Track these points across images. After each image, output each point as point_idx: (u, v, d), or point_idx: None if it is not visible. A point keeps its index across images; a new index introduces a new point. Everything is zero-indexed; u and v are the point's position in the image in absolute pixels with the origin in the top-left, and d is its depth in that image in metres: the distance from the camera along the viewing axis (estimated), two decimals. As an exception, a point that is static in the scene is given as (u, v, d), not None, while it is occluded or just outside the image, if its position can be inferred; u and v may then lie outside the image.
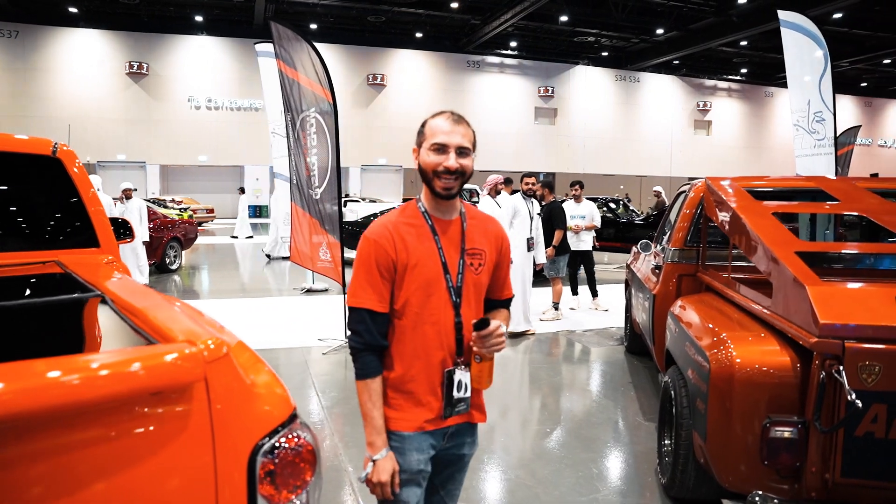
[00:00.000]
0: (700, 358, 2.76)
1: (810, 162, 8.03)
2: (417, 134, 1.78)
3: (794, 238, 2.84)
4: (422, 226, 1.77)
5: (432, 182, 1.73)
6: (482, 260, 1.84)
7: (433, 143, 1.71)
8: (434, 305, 1.76)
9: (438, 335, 1.76)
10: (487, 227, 1.89)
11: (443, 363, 1.78)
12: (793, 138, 8.53)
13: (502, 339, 1.75)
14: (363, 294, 1.72)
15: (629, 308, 6.39)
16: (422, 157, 1.75)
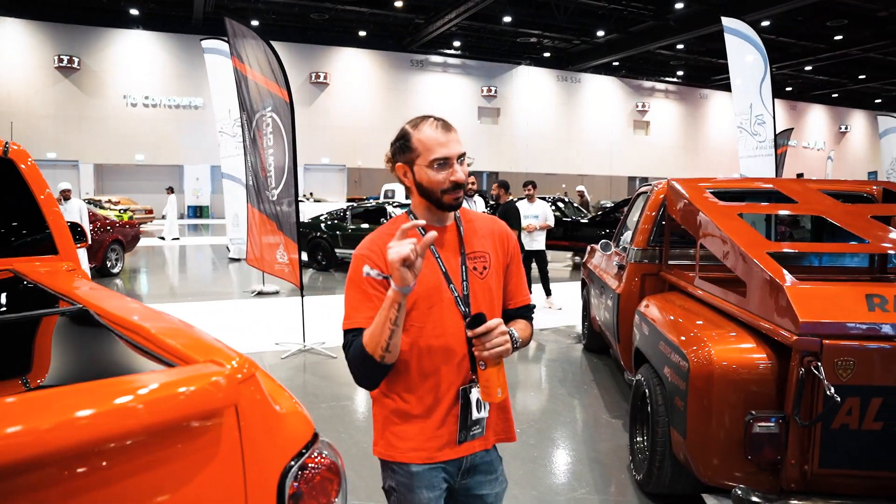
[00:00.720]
0: (677, 357, 2.82)
1: (753, 162, 8.36)
2: (399, 149, 1.63)
3: (764, 239, 2.94)
4: (413, 235, 1.60)
5: (441, 199, 1.61)
6: (486, 262, 1.71)
7: (434, 160, 1.58)
8: (438, 318, 1.62)
9: (447, 350, 1.62)
10: (487, 228, 1.77)
11: (457, 382, 1.64)
12: (737, 140, 8.85)
13: (506, 339, 1.53)
14: (355, 314, 1.59)
15: (587, 307, 6.50)
16: (421, 176, 1.60)
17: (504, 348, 1.53)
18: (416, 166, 1.61)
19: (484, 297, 1.68)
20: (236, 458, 1.09)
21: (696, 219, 3.49)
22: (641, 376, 3.44)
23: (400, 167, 1.64)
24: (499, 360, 1.54)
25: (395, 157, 1.65)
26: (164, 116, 28.94)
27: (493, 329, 1.51)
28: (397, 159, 1.65)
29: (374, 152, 31.16)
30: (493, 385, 1.54)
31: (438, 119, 1.63)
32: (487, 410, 1.66)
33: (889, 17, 25.39)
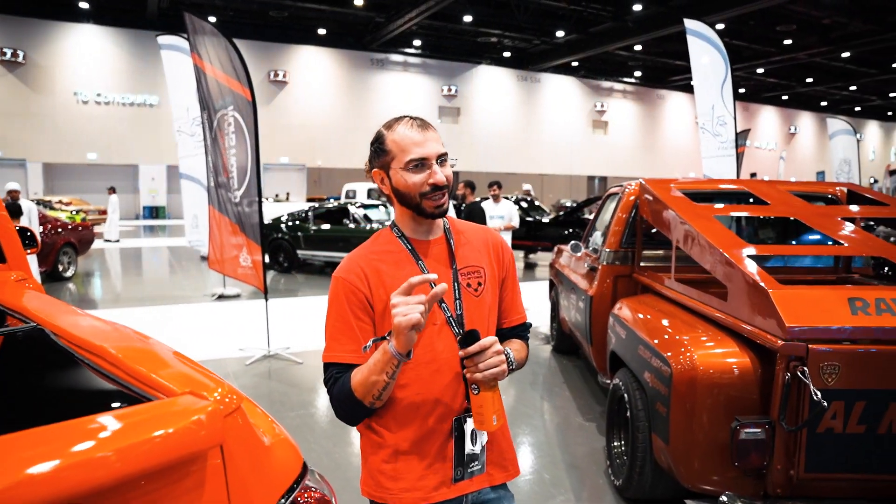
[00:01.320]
0: (658, 361, 2.79)
1: (715, 163, 8.47)
2: (374, 153, 1.50)
3: (742, 241, 2.93)
4: (399, 251, 1.51)
5: (420, 204, 1.46)
6: (481, 277, 1.57)
7: (410, 161, 1.44)
8: (429, 343, 1.46)
9: (440, 377, 1.47)
10: (480, 239, 1.62)
11: (450, 412, 1.48)
12: (696, 140, 8.97)
13: (501, 360, 1.38)
14: (337, 347, 1.45)
15: (556, 308, 6.47)
16: (397, 180, 1.47)
17: (499, 370, 1.38)
18: (391, 170, 1.47)
19: (479, 317, 1.54)
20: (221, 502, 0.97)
21: (671, 221, 3.47)
22: (619, 380, 3.40)
23: (376, 173, 1.51)
24: (493, 384, 1.39)
25: (371, 162, 1.53)
26: (118, 114, 28.12)
27: (488, 348, 1.37)
28: (373, 164, 1.52)
29: (334, 152, 30.87)
30: (487, 411, 1.39)
31: (415, 118, 1.50)
32: (484, 443, 1.52)
33: (833, 25, 26.28)
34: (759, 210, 3.72)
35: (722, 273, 2.78)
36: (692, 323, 2.96)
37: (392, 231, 1.55)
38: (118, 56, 27.70)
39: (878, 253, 2.85)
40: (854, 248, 2.96)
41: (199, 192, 9.15)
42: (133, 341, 1.45)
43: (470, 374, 1.38)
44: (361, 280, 1.46)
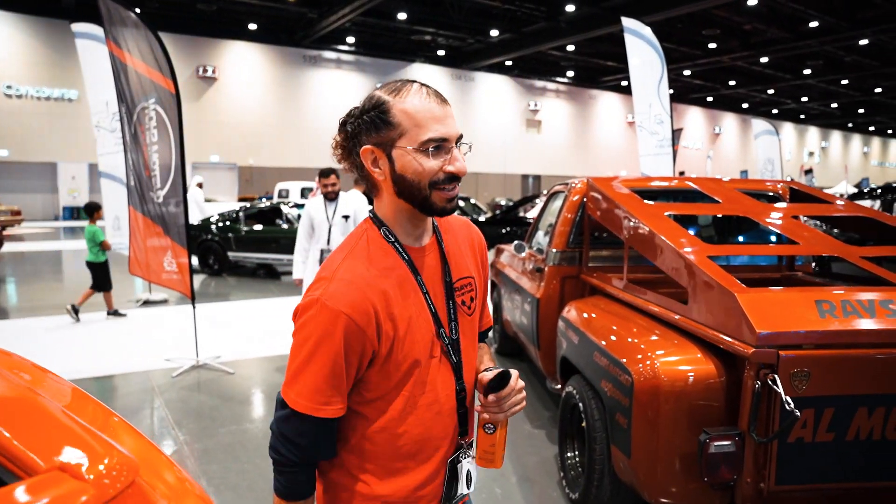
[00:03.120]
0: (617, 370, 2.65)
1: (653, 161, 8.53)
2: (371, 125, 1.17)
3: (700, 241, 2.82)
4: (399, 267, 1.21)
5: (430, 197, 1.16)
6: (474, 291, 1.33)
7: (428, 140, 1.13)
8: (427, 379, 1.22)
9: (439, 417, 1.25)
10: (465, 238, 1.37)
11: (445, 452, 1.28)
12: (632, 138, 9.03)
13: (524, 395, 1.28)
14: (318, 396, 1.15)
15: (498, 310, 6.33)
16: (405, 164, 1.15)
17: (521, 406, 1.27)
18: (396, 149, 1.15)
19: (471, 339, 1.33)
20: None
21: (622, 220, 3.35)
22: (572, 388, 3.26)
23: (368, 151, 1.18)
24: (507, 421, 1.30)
25: (361, 136, 1.18)
26: (33, 109, 26.45)
27: (515, 387, 1.24)
28: (364, 139, 1.18)
29: (266, 150, 30.02)
30: (500, 449, 1.29)
31: (427, 86, 1.19)
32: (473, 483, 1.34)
33: (753, 31, 27.37)
34: (711, 209, 3.65)
35: (681, 275, 2.66)
36: (650, 327, 2.83)
37: (382, 235, 1.23)
38: (32, 46, 26.06)
39: (832, 251, 2.80)
40: (808, 248, 2.90)
41: (121, 191, 8.57)
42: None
43: (490, 416, 1.25)
44: (370, 321, 1.14)
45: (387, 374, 1.18)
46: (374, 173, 1.19)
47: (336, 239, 5.45)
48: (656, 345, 2.60)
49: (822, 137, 54.42)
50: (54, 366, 2.51)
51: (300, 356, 1.15)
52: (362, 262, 1.18)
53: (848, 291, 2.35)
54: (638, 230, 3.13)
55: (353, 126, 1.19)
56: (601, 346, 2.89)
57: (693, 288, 2.55)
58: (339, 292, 1.13)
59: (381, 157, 1.17)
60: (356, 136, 1.19)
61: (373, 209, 1.27)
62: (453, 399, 1.27)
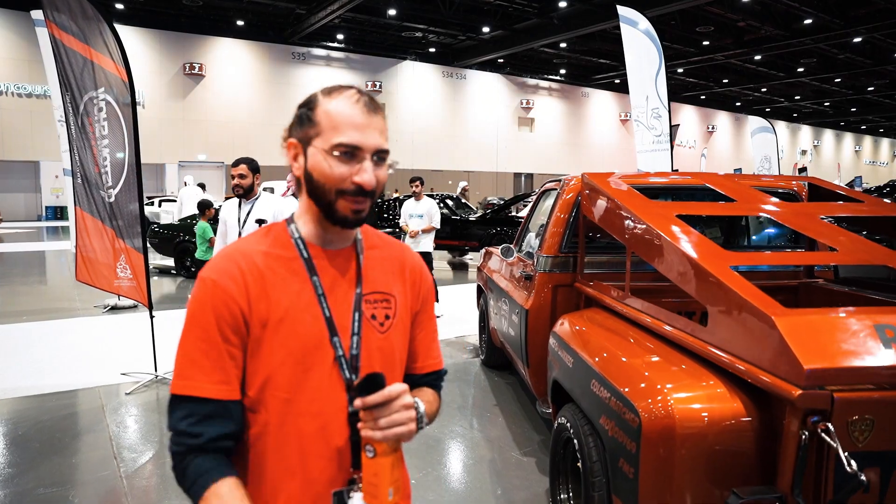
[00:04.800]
0: (621, 405, 2.17)
1: (651, 157, 8.08)
2: (299, 119, 1.15)
3: (720, 248, 2.34)
4: (292, 258, 1.16)
5: (333, 204, 1.12)
6: (390, 309, 1.22)
7: (339, 144, 1.09)
8: (315, 387, 1.12)
9: (325, 435, 1.12)
10: (397, 259, 1.28)
11: (330, 480, 1.13)
12: (630, 135, 8.58)
13: (410, 416, 1.07)
14: (195, 372, 1.08)
15: (485, 318, 5.85)
16: (315, 163, 1.12)
17: (406, 429, 1.07)
18: (311, 147, 1.13)
19: (382, 360, 1.20)
20: None
21: (625, 222, 2.88)
22: (565, 420, 2.77)
23: (292, 145, 1.16)
24: (396, 446, 1.08)
25: (291, 129, 1.18)
26: (13, 106, 25.79)
27: (395, 399, 1.07)
28: (292, 133, 1.17)
29: (254, 149, 29.36)
30: (383, 482, 1.06)
31: (365, 94, 1.15)
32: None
33: (747, 28, 27.01)
34: (726, 208, 3.18)
35: (699, 290, 2.19)
36: (660, 352, 2.35)
37: (288, 229, 1.20)
38: (12, 42, 25.39)
39: (880, 261, 2.32)
40: (851, 256, 2.42)
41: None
42: None
43: (366, 432, 1.07)
44: (239, 287, 1.10)
45: (259, 359, 1.11)
46: (294, 167, 1.17)
47: None
48: (669, 375, 2.13)
49: (815, 136, 54.23)
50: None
51: (181, 336, 1.11)
52: (251, 243, 1.17)
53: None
54: (644, 234, 2.65)
55: (292, 119, 1.18)
56: (600, 374, 2.41)
57: (715, 307, 2.07)
58: (215, 264, 1.13)
59: (301, 153, 1.16)
60: (290, 129, 1.18)
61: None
62: (343, 419, 1.14)
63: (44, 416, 4.55)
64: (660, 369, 2.19)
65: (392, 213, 15.68)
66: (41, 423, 4.42)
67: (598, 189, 3.27)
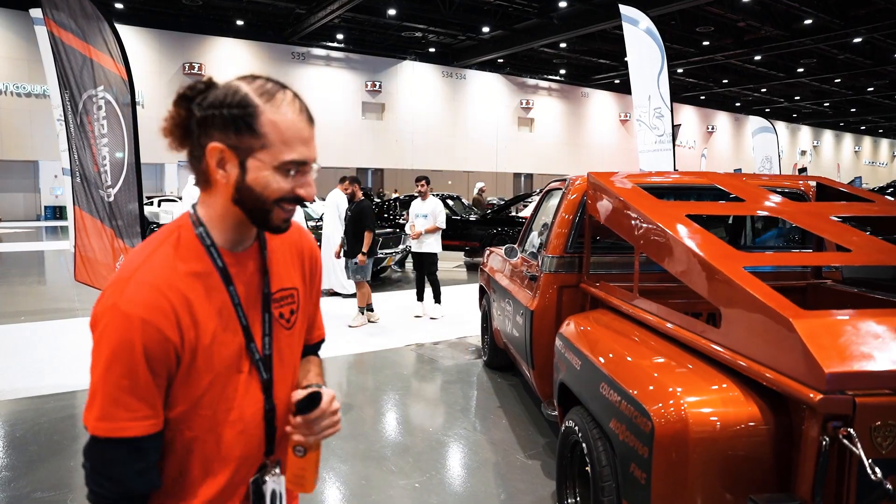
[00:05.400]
0: (632, 409, 2.12)
1: (653, 157, 8.04)
2: (230, 122, 1.03)
3: (733, 249, 2.30)
4: (209, 273, 1.11)
5: (271, 212, 1.09)
6: (294, 304, 1.24)
7: (290, 161, 1.06)
8: (232, 395, 1.13)
9: (244, 437, 1.15)
10: (294, 246, 1.27)
11: (249, 473, 1.18)
12: (636, 133, 8.53)
13: (338, 417, 1.21)
14: (117, 411, 1.02)
15: (487, 318, 5.80)
16: (257, 177, 1.05)
17: (335, 429, 1.22)
18: (253, 160, 1.05)
19: (290, 355, 1.23)
20: None
21: (633, 223, 2.83)
22: (573, 423, 2.72)
23: (217, 150, 1.05)
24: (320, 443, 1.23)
25: (213, 129, 1.04)
26: (13, 106, 25.71)
27: (327, 409, 1.18)
28: (216, 135, 1.04)
29: (253, 149, 29.38)
30: (310, 474, 1.22)
31: (298, 96, 1.12)
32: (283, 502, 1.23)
33: (747, 28, 26.96)
34: (735, 208, 3.13)
35: (712, 291, 2.14)
36: (671, 354, 2.30)
37: (197, 236, 1.12)
38: (12, 41, 25.33)
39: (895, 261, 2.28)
40: (863, 256, 2.37)
41: (84, 190, 7.98)
42: None
43: (301, 438, 1.18)
44: (171, 322, 1.04)
45: (188, 387, 1.08)
46: (215, 173, 1.07)
47: None
48: (682, 378, 2.08)
49: (814, 136, 54.20)
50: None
51: (97, 373, 1.03)
52: (166, 263, 1.08)
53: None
54: (653, 234, 2.60)
55: (207, 115, 1.05)
56: (610, 377, 2.36)
57: (729, 308, 2.03)
58: (136, 296, 1.02)
59: (232, 162, 1.06)
60: (206, 126, 1.05)
61: (195, 205, 1.15)
62: (260, 418, 1.17)
63: (42, 419, 4.50)
64: (672, 372, 2.15)
65: (392, 213, 15.63)
66: (39, 426, 4.37)
67: (605, 189, 3.23)
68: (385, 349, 6.47)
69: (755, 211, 2.97)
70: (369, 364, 6.05)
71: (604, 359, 2.53)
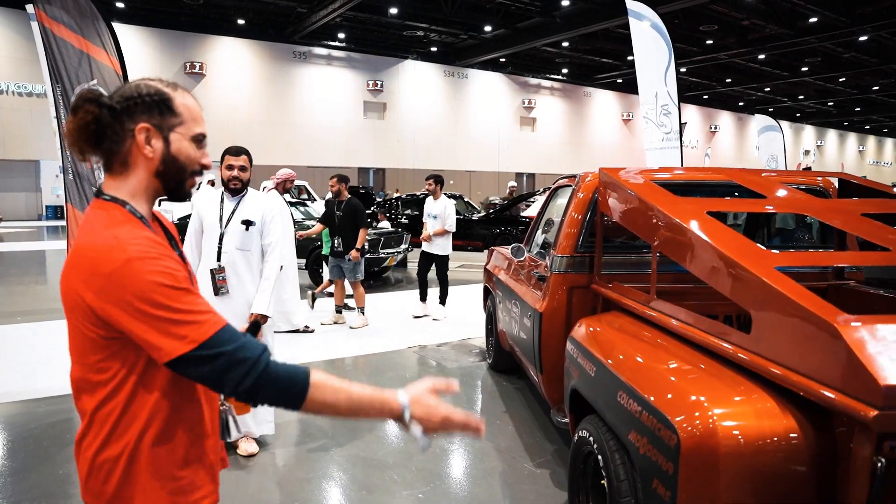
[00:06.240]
0: (654, 420, 1.96)
1: (660, 155, 7.87)
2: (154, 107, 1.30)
3: (762, 248, 2.14)
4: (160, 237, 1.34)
5: (185, 182, 1.36)
6: None
7: (200, 133, 1.36)
8: None
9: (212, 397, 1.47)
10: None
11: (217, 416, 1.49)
12: (643, 132, 8.37)
13: None
14: (207, 311, 1.20)
15: (492, 320, 5.64)
16: (179, 147, 1.32)
17: None
18: (175, 133, 1.32)
19: None
20: None
21: (651, 221, 2.67)
22: (586, 433, 2.57)
23: (144, 129, 1.28)
24: None
25: (136, 115, 1.28)
26: (14, 105, 25.60)
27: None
28: (140, 118, 1.28)
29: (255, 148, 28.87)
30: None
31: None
32: None
33: (751, 26, 26.77)
34: (757, 205, 2.97)
35: (742, 294, 1.98)
36: (695, 360, 2.15)
37: (129, 212, 1.29)
38: (13, 41, 25.20)
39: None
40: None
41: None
42: None
43: None
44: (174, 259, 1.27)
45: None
46: (144, 149, 1.28)
47: (231, 255, 3.74)
48: (710, 388, 1.92)
49: (818, 136, 53.95)
50: None
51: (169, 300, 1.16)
52: (134, 230, 1.23)
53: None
54: (673, 233, 2.44)
55: (125, 105, 1.27)
56: (629, 385, 2.21)
57: (761, 312, 1.87)
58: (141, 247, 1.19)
59: (157, 137, 1.29)
60: (128, 114, 1.27)
61: (99, 188, 1.33)
62: None
63: (32, 423, 4.35)
64: (698, 380, 1.99)
65: (394, 212, 15.48)
66: (29, 431, 4.22)
67: (619, 185, 3.07)
68: (387, 351, 6.31)
69: (780, 208, 2.81)
70: (370, 366, 5.90)
71: (621, 365, 2.37)
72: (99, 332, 1.21)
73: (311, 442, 4.11)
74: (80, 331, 1.25)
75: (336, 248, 7.18)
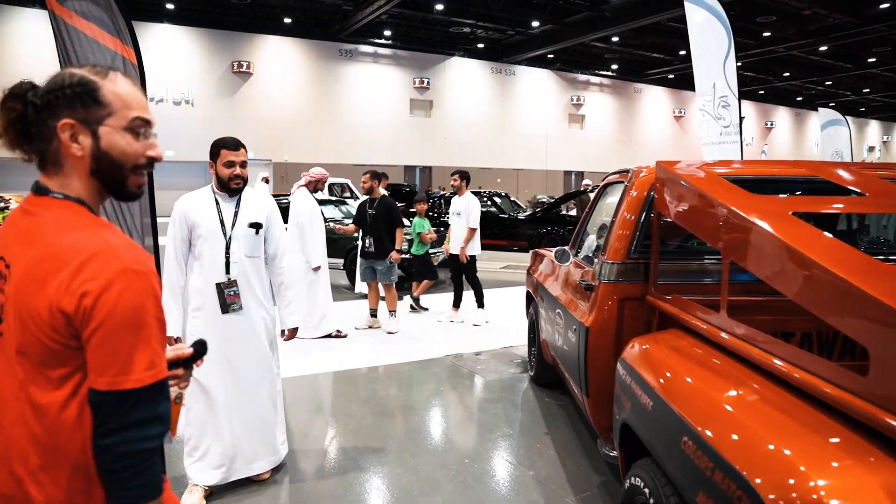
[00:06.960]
0: (732, 485, 1.51)
1: (718, 150, 7.28)
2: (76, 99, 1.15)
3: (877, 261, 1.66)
4: None
5: (127, 179, 1.21)
6: None
7: (137, 119, 1.19)
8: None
9: None
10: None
11: None
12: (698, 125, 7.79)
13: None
14: (161, 356, 1.14)
15: (535, 328, 5.20)
16: (111, 141, 1.17)
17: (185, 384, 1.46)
18: (104, 127, 1.17)
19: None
20: None
21: (722, 223, 2.20)
22: (639, 480, 2.12)
23: (68, 125, 1.14)
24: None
25: (58, 109, 1.14)
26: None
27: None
28: (62, 113, 1.14)
29: (301, 146, 29.34)
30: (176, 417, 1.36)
31: (128, 75, 1.24)
32: None
33: (813, 16, 25.47)
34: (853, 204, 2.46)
35: (855, 322, 1.52)
36: (787, 405, 1.68)
37: (88, 210, 1.19)
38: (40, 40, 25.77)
39: None
40: None
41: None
42: None
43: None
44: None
45: None
46: (71, 148, 1.17)
47: (242, 265, 3.27)
48: (812, 448, 1.46)
49: (884, 131, 51.37)
50: None
51: (133, 329, 1.10)
52: (109, 228, 1.19)
53: None
54: (752, 238, 1.97)
55: (46, 100, 1.16)
56: (696, 432, 1.76)
57: (884, 349, 1.40)
58: (137, 256, 1.14)
59: (84, 133, 1.18)
60: (49, 109, 1.16)
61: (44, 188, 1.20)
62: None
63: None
64: (796, 437, 1.53)
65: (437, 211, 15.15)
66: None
67: (681, 181, 2.60)
68: (421, 359, 5.93)
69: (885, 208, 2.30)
70: (402, 376, 5.53)
71: (687, 403, 1.92)
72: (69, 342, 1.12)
73: (331, 465, 3.75)
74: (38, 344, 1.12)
75: (367, 249, 6.84)
